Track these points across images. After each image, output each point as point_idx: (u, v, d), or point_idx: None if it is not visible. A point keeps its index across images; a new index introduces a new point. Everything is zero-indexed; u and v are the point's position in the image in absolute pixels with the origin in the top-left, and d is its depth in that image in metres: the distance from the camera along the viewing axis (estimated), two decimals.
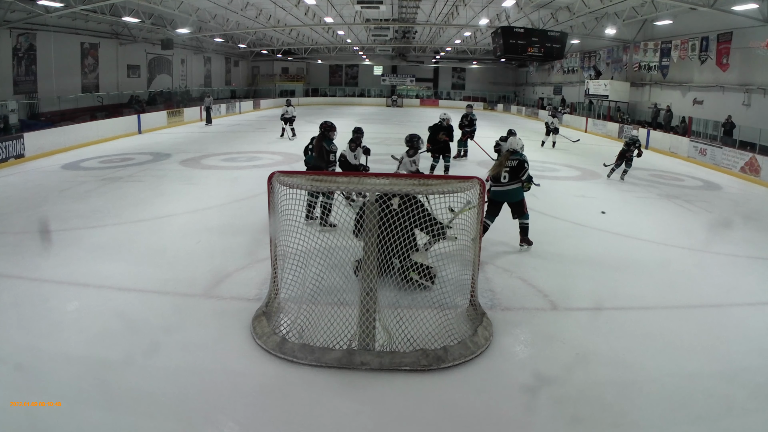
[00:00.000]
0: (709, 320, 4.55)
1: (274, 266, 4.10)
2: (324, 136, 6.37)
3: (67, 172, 10.34)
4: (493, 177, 5.84)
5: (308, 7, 20.26)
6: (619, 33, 19.94)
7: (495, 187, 5.84)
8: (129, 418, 2.97)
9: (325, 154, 6.31)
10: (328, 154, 6.30)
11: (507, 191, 5.84)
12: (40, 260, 5.33)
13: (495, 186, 5.84)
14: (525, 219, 5.96)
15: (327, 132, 6.38)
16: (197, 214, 7.39)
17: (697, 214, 8.61)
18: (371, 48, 33.94)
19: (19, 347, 3.66)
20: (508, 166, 5.79)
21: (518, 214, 5.93)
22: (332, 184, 3.93)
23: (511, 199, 5.86)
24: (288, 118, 16.07)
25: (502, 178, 5.79)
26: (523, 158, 5.87)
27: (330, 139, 6.42)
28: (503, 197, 5.86)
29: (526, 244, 6.03)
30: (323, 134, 6.40)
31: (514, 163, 5.80)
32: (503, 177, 5.79)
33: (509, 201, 5.87)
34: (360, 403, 3.19)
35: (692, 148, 15.12)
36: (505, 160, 5.83)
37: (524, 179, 5.85)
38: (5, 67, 15.65)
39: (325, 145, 6.32)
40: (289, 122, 16.14)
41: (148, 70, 24.50)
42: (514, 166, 5.79)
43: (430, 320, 3.81)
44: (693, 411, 3.24)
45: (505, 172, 5.78)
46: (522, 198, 5.88)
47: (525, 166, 5.83)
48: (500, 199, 5.86)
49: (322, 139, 6.35)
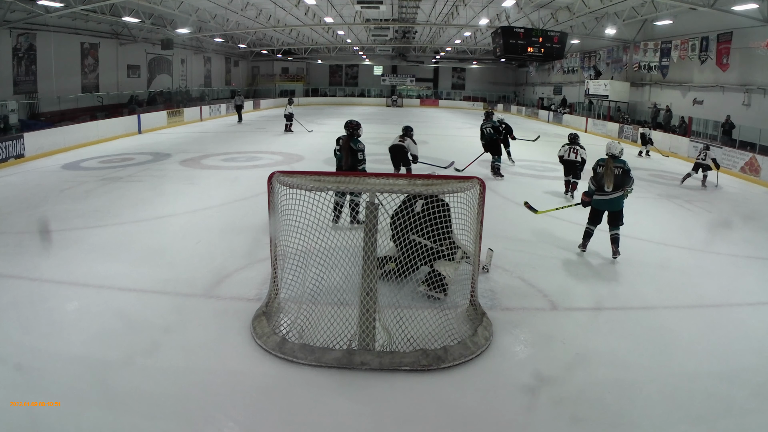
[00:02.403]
0: (709, 320, 4.56)
1: (274, 266, 4.10)
2: (351, 135, 6.40)
3: (67, 172, 10.34)
4: (597, 185, 5.65)
5: (308, 7, 20.25)
6: (619, 33, 19.93)
7: (598, 195, 5.65)
8: (129, 418, 2.97)
9: (353, 153, 6.32)
10: (356, 153, 6.32)
11: (611, 200, 5.65)
12: (40, 260, 5.34)
13: (598, 195, 5.65)
14: (618, 230, 5.74)
15: (354, 131, 6.41)
16: (197, 214, 7.39)
17: (697, 214, 8.61)
18: (371, 48, 33.94)
19: (19, 347, 3.66)
20: (614, 174, 5.56)
21: (614, 224, 5.71)
22: (333, 184, 3.93)
23: (613, 208, 5.68)
24: (286, 114, 17.59)
25: (606, 186, 5.58)
26: (627, 167, 5.66)
27: (357, 137, 6.45)
28: (606, 206, 5.69)
29: (618, 255, 5.75)
30: (351, 134, 6.41)
31: (618, 171, 5.59)
32: (607, 186, 5.57)
33: (610, 210, 5.68)
34: (360, 403, 3.19)
35: (692, 148, 15.12)
36: (610, 168, 5.59)
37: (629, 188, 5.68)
38: (5, 67, 15.64)
39: (353, 144, 6.35)
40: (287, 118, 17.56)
41: (148, 70, 24.48)
42: (619, 174, 5.58)
43: (430, 320, 3.82)
44: (693, 411, 3.24)
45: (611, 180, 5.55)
46: (622, 207, 5.70)
47: (630, 176, 5.66)
48: (603, 207, 5.71)
49: (349, 139, 6.37)
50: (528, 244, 6.40)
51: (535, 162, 13.20)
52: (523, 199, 7.04)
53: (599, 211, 5.75)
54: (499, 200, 8.50)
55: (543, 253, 6.05)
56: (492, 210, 5.76)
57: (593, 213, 5.79)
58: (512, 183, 10.30)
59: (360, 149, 6.35)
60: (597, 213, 5.78)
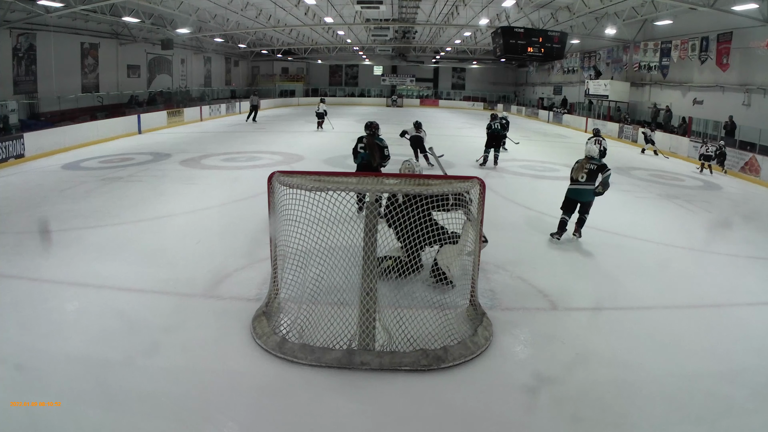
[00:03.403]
0: (709, 320, 4.56)
1: (274, 266, 4.10)
2: (374, 134, 7.11)
3: (67, 172, 10.33)
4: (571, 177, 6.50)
5: (308, 7, 20.25)
6: (619, 33, 19.93)
7: (572, 185, 6.47)
8: (129, 418, 2.97)
9: (379, 150, 6.98)
10: (382, 149, 6.97)
11: (581, 191, 6.40)
12: (40, 260, 5.33)
13: (572, 185, 6.47)
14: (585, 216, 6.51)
15: (376, 131, 7.16)
16: (197, 214, 7.39)
17: (697, 214, 8.61)
18: (371, 48, 33.93)
19: (19, 347, 3.66)
20: (587, 169, 6.38)
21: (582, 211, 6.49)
22: (333, 184, 3.93)
23: (583, 199, 6.41)
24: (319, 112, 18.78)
25: (580, 177, 6.38)
26: (601, 164, 6.43)
27: (379, 136, 7.17)
28: (576, 195, 6.43)
29: (578, 235, 6.52)
30: (374, 133, 7.10)
31: (592, 167, 6.37)
32: (581, 177, 6.38)
33: (581, 200, 6.41)
34: (360, 403, 3.19)
35: (692, 148, 15.13)
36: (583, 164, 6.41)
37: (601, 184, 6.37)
38: (5, 67, 15.64)
39: (378, 142, 7.03)
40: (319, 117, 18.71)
41: (148, 70, 24.48)
42: (593, 169, 6.36)
43: (430, 320, 3.81)
44: (693, 411, 3.24)
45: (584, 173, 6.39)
46: (591, 200, 6.42)
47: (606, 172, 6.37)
48: (574, 197, 6.44)
49: (374, 138, 7.06)
50: (528, 244, 6.40)
51: (534, 162, 13.21)
52: (522, 199, 7.06)
53: (572, 200, 6.46)
54: (500, 200, 8.50)
55: (543, 253, 6.05)
56: (492, 210, 5.77)
57: (566, 202, 6.49)
58: (512, 183, 10.31)
59: (385, 146, 7.06)
60: (570, 202, 6.47)
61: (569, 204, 6.46)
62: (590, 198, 6.38)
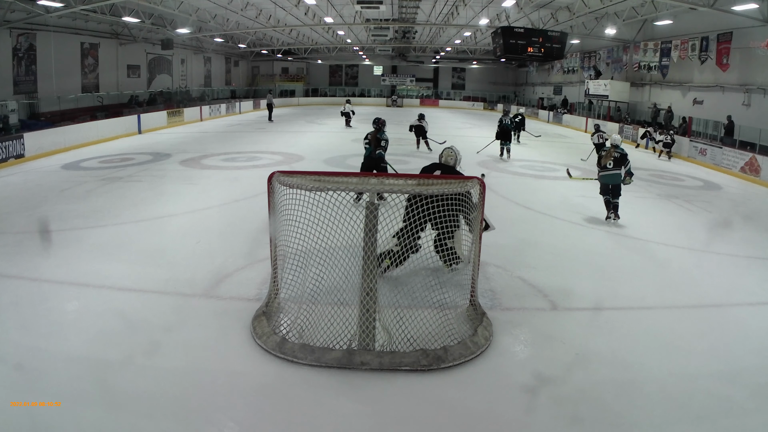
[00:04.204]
0: (709, 320, 4.56)
1: (274, 266, 4.10)
2: (379, 130, 8.04)
3: (67, 172, 10.34)
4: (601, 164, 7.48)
5: (308, 7, 20.24)
6: (619, 33, 19.93)
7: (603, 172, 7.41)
8: (129, 418, 2.97)
9: (377, 141, 7.90)
10: (379, 141, 7.89)
11: (611, 175, 7.34)
12: (40, 260, 5.34)
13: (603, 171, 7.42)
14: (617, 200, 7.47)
15: (382, 126, 8.15)
16: (197, 215, 7.39)
17: (697, 214, 8.61)
18: (371, 48, 33.92)
19: (19, 347, 3.66)
20: (613, 156, 7.32)
21: (615, 195, 7.43)
22: (333, 184, 3.92)
23: (614, 182, 7.36)
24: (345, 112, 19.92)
25: (608, 164, 7.34)
26: (624, 152, 7.36)
27: (383, 131, 8.10)
28: (609, 180, 7.37)
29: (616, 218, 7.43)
30: (378, 129, 8.04)
31: (617, 155, 7.31)
32: (609, 164, 7.34)
33: (612, 183, 7.36)
34: (360, 403, 3.19)
35: (692, 148, 15.12)
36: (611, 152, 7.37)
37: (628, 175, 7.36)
38: (5, 67, 15.63)
39: (379, 135, 7.99)
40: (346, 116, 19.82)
41: (148, 70, 24.48)
42: (618, 157, 7.30)
43: (430, 320, 3.81)
44: (693, 411, 3.24)
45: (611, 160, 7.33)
46: (620, 183, 7.38)
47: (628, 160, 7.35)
48: (607, 181, 7.39)
49: (377, 132, 8.01)
50: (528, 244, 6.40)
51: (534, 162, 13.21)
52: (522, 199, 7.07)
53: (606, 184, 7.44)
54: (500, 200, 8.50)
55: (543, 253, 6.05)
56: (492, 210, 5.77)
57: (603, 186, 7.50)
58: (512, 183, 10.30)
59: (384, 138, 7.98)
60: (605, 186, 7.47)
61: (605, 188, 7.44)
62: (619, 181, 7.33)
